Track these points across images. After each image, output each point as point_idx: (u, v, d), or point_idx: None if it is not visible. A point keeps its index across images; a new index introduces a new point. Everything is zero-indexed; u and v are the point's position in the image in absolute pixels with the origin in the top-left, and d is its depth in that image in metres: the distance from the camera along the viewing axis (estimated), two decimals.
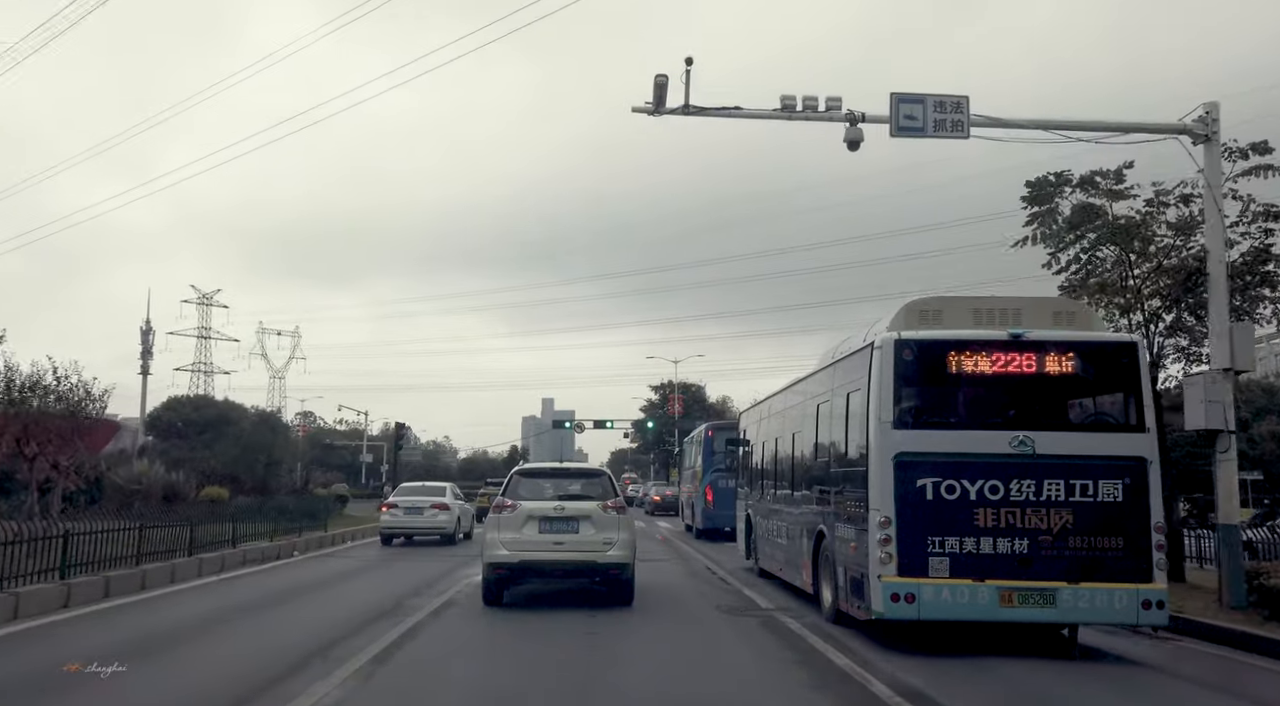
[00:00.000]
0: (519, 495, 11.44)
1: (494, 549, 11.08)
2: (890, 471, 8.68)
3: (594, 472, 12.49)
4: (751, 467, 16.26)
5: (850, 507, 9.55)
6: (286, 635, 9.54)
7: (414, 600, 11.85)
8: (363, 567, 17.01)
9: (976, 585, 8.46)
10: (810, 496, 11.55)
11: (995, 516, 8.55)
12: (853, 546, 9.39)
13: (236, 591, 13.09)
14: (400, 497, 23.13)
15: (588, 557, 11.01)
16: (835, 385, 10.49)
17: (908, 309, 9.37)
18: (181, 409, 77.90)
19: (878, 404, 8.84)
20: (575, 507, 11.19)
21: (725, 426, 27.61)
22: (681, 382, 78.55)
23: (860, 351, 9.55)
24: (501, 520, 11.25)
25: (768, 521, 14.49)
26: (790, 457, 12.82)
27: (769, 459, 14.46)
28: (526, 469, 12.71)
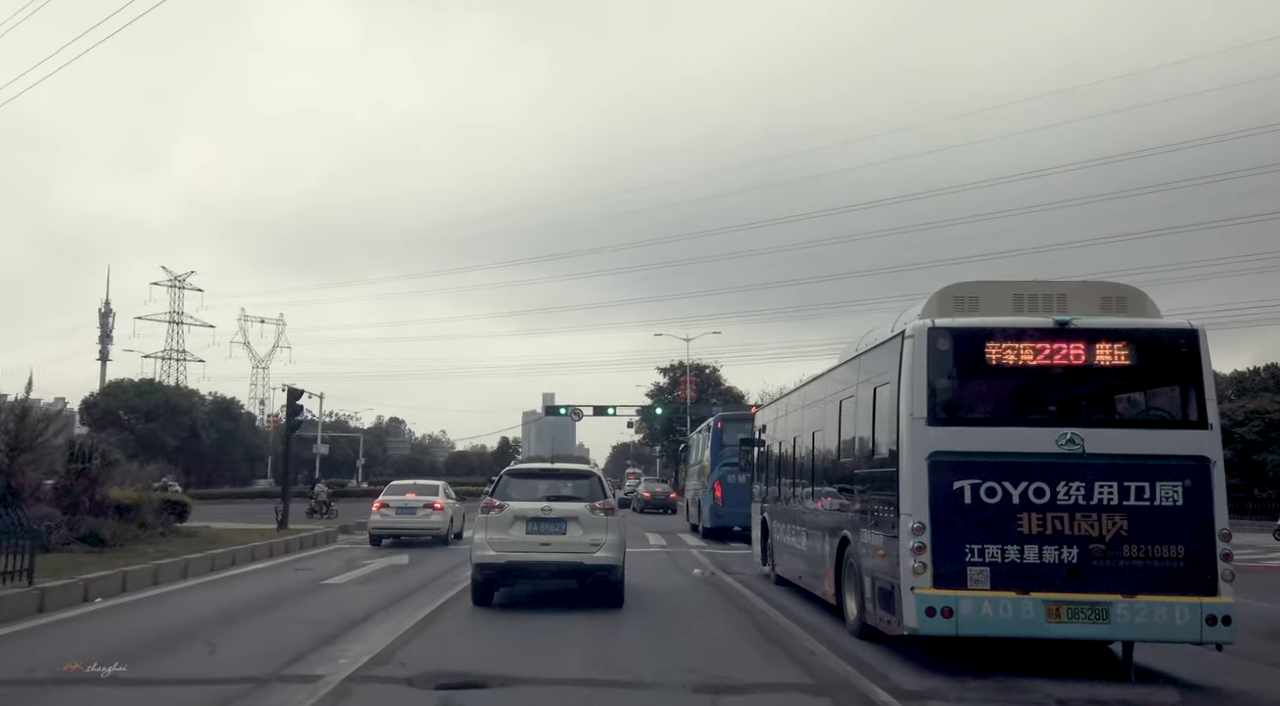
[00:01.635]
0: (508, 495, 11.45)
1: (482, 549, 11.15)
2: (924, 472, 7.89)
3: (584, 473, 12.21)
4: (768, 467, 15.46)
5: (878, 511, 8.76)
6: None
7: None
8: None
9: (1020, 598, 7.66)
10: (833, 499, 10.76)
11: (1041, 522, 7.75)
12: (881, 554, 8.59)
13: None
14: (392, 496, 22.16)
15: (575, 559, 11.01)
16: (861, 379, 9.69)
17: (941, 294, 8.56)
18: (122, 395, 71.51)
19: (909, 398, 8.05)
20: (563, 508, 11.18)
21: (736, 418, 26.71)
22: (694, 363, 69.14)
23: (889, 342, 8.75)
24: (489, 520, 11.28)
25: (786, 525, 13.69)
26: (811, 457, 12.02)
27: (787, 458, 13.66)
28: (516, 469, 12.54)
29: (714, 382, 73.53)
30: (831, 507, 10.80)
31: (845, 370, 10.56)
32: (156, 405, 72.08)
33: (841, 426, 10.48)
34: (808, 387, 12.71)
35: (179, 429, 71.93)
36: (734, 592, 13.59)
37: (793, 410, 13.56)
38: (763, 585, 14.61)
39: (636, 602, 11.80)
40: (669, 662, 8.41)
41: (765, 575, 15.77)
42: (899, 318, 9.43)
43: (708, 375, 73.61)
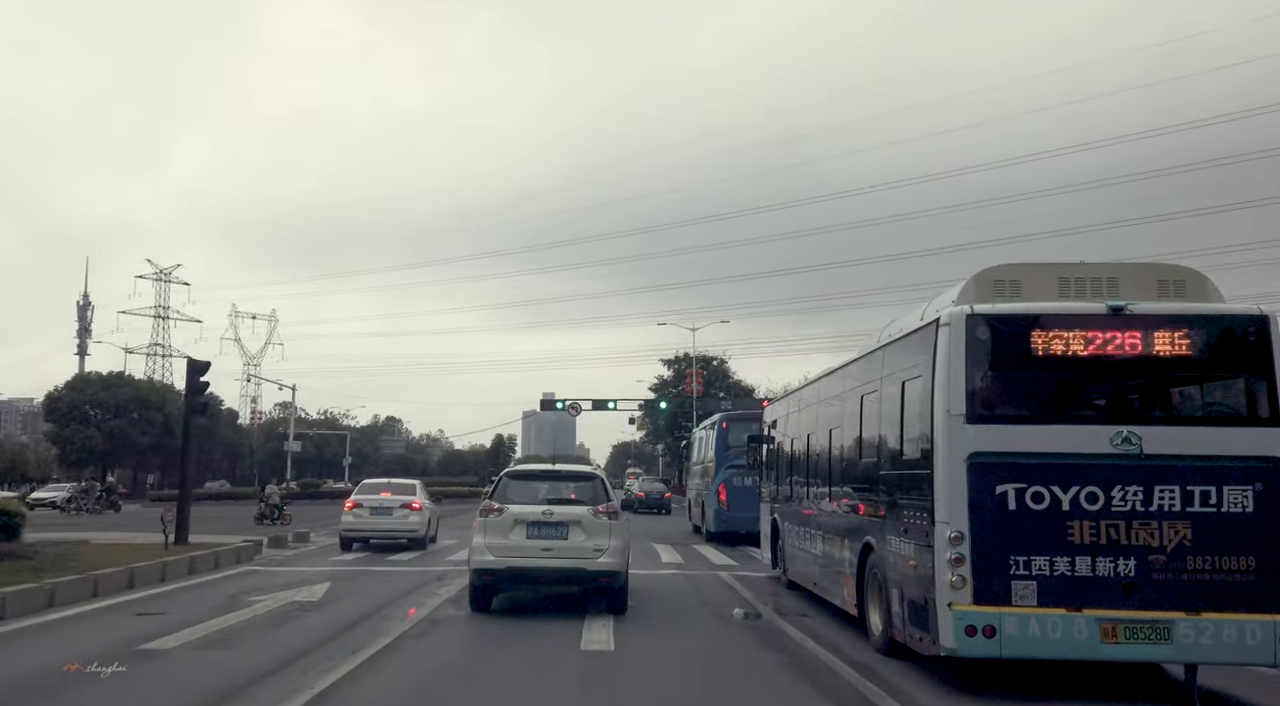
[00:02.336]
0: (507, 498, 11.04)
1: (480, 554, 10.74)
2: (962, 475, 7.08)
3: (586, 475, 11.81)
4: (779, 466, 14.65)
5: (908, 518, 7.95)
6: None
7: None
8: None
9: (1072, 616, 6.85)
10: (854, 502, 9.96)
11: (1094, 531, 6.94)
12: (912, 564, 7.79)
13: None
14: (365, 496, 20.42)
15: (577, 565, 10.63)
16: (887, 372, 8.88)
17: (979, 278, 7.74)
18: (88, 390, 67.08)
19: (946, 393, 7.23)
20: (565, 512, 10.80)
21: (742, 417, 25.79)
22: (701, 355, 64.40)
23: (921, 330, 7.93)
24: (488, 524, 10.85)
25: (799, 528, 12.89)
26: (827, 456, 11.21)
27: (801, 457, 12.86)
28: (515, 470, 12.12)
29: (722, 375, 68.82)
30: (852, 511, 10.00)
31: (868, 362, 9.75)
32: (125, 400, 67.44)
33: (863, 424, 9.67)
34: (823, 382, 11.90)
35: (150, 425, 67.75)
36: (809, 662, 8.63)
37: (807, 406, 12.75)
38: (772, 589, 13.82)
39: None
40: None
41: (775, 578, 15.01)
42: (929, 304, 8.62)
43: (715, 367, 68.85)
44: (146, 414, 67.94)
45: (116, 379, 70.56)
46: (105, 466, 67.35)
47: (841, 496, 10.50)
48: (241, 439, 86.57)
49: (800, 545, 12.79)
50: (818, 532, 11.64)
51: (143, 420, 67.57)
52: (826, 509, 11.22)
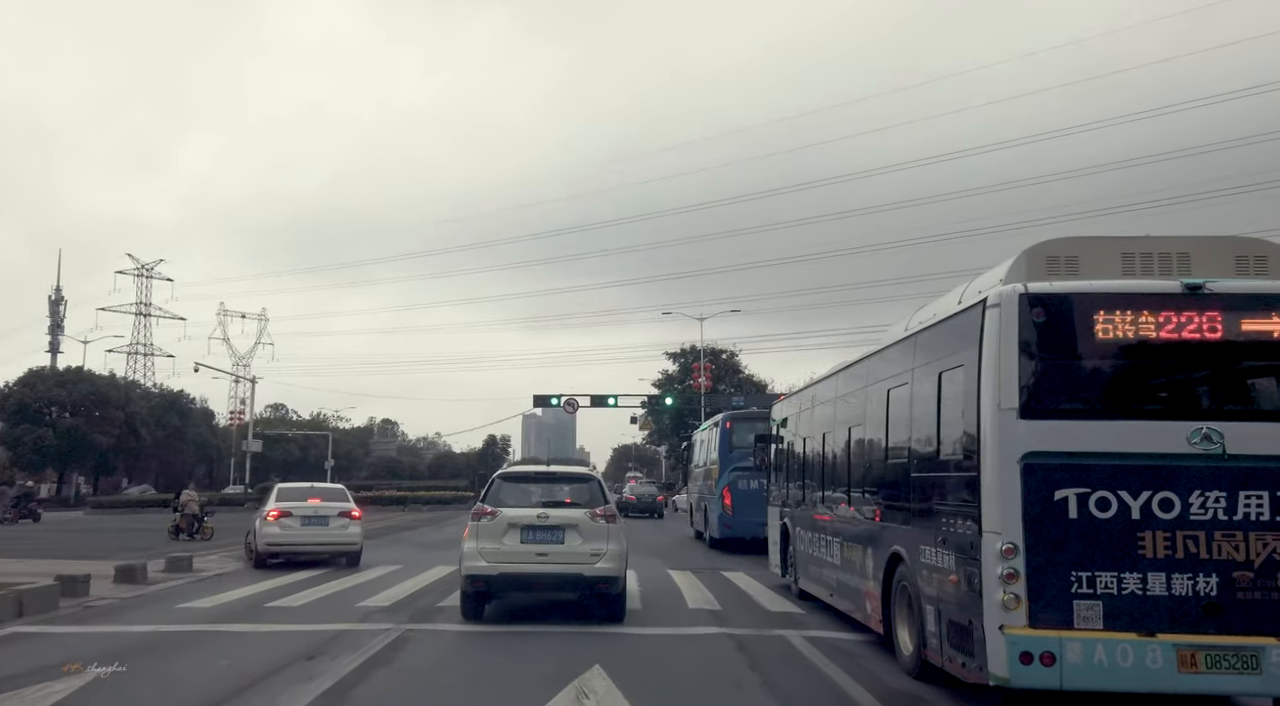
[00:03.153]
0: (500, 501, 10.62)
1: (472, 560, 10.32)
2: (1015, 479, 6.16)
3: (582, 477, 11.41)
4: (790, 468, 13.72)
5: (947, 526, 7.02)
6: None
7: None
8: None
9: (1144, 641, 5.93)
10: (879, 507, 9.03)
11: (1169, 543, 6.02)
12: (953, 579, 6.85)
13: None
14: (293, 503, 16.92)
15: (574, 570, 10.27)
16: (920, 362, 7.94)
17: (1031, 254, 6.81)
18: (41, 386, 62.32)
19: (995, 384, 6.30)
20: (561, 515, 10.43)
21: (748, 416, 24.76)
22: (709, 347, 59.46)
23: (963, 314, 7.00)
24: (481, 528, 10.44)
25: (813, 534, 11.95)
26: (847, 457, 10.28)
27: (815, 458, 11.92)
28: (509, 472, 11.58)
29: (732, 369, 64.00)
30: (877, 517, 9.07)
31: (896, 353, 8.81)
32: (83, 397, 62.27)
33: (890, 421, 8.73)
34: (842, 376, 10.97)
35: (110, 425, 62.82)
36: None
37: (822, 402, 11.81)
38: (782, 599, 12.89)
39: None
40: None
41: (785, 587, 14.07)
42: (968, 286, 7.69)
43: (725, 361, 63.81)
44: (107, 412, 63.00)
45: (74, 375, 65.22)
46: (61, 469, 63.64)
47: (864, 501, 9.57)
48: (218, 440, 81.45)
49: (814, 553, 11.86)
50: (835, 540, 10.70)
51: (103, 419, 62.76)
52: (845, 514, 10.29)
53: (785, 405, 14.52)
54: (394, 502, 52.70)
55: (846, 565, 10.18)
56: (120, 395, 65.90)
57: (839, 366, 11.35)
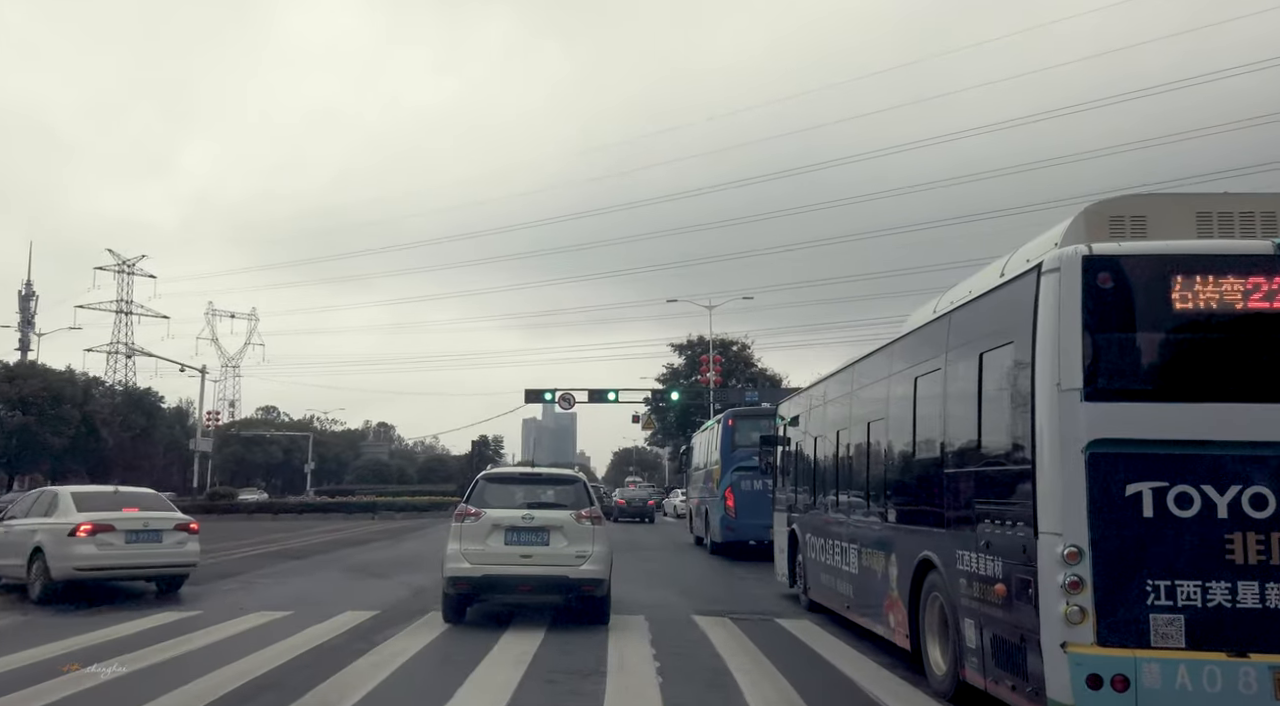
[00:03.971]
0: (484, 502, 10.46)
1: (455, 561, 10.15)
2: (1079, 471, 5.26)
3: (567, 478, 11.33)
4: (799, 469, 12.81)
5: (992, 528, 6.12)
6: None
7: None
8: None
9: (1235, 662, 5.03)
10: (904, 509, 8.13)
11: (1263, 546, 5.13)
12: (999, 589, 5.95)
13: None
14: (108, 514, 12.72)
15: (559, 572, 10.13)
16: (956, 343, 7.05)
17: (1092, 214, 5.94)
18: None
19: (1053, 361, 5.42)
20: (546, 517, 10.28)
21: (751, 414, 23.77)
22: (719, 339, 54.29)
23: (1011, 284, 6.11)
24: (464, 529, 10.29)
25: (825, 540, 11.05)
26: (866, 455, 9.38)
27: (828, 457, 11.02)
28: (493, 473, 11.44)
29: (743, 363, 58.27)
30: (902, 520, 8.17)
31: (925, 336, 7.92)
32: (32, 393, 56.22)
33: (918, 411, 7.84)
34: (860, 366, 10.08)
35: (65, 423, 57.59)
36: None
37: (836, 397, 10.91)
38: (792, 610, 11.97)
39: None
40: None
41: (793, 597, 13.15)
42: (1012, 256, 6.82)
43: (735, 354, 57.78)
44: (62, 410, 57.57)
45: (25, 369, 59.71)
46: (11, 472, 58.64)
47: (886, 503, 8.66)
48: (186, 438, 77.95)
49: (827, 560, 10.94)
50: (851, 546, 9.80)
51: (58, 417, 57.20)
52: (864, 518, 9.39)
53: (793, 403, 13.62)
54: (363, 509, 45.84)
55: (865, 574, 9.27)
56: (77, 392, 60.34)
57: (855, 358, 10.46)
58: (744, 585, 15.97)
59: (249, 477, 75.94)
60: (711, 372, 47.13)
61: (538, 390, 44.44)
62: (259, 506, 44.97)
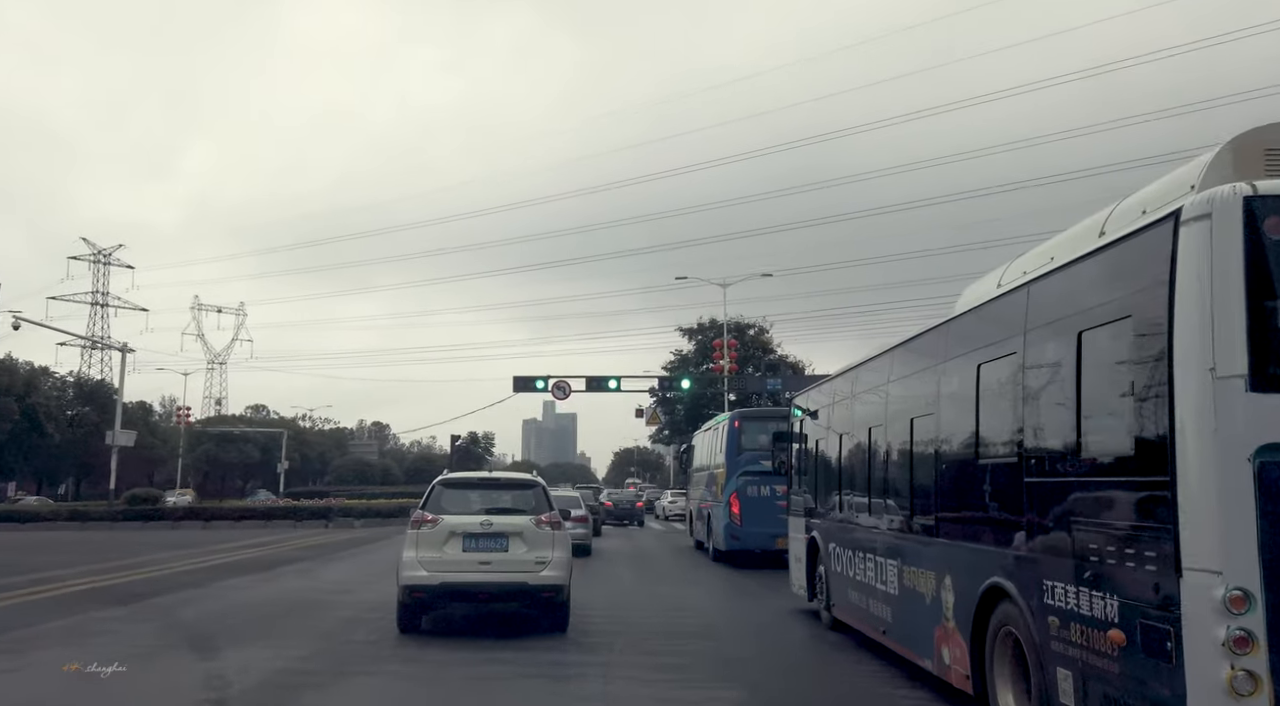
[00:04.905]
0: (441, 508, 10.26)
1: (411, 569, 9.95)
2: (1247, 486, 3.90)
3: (526, 483, 10.98)
4: (821, 470, 11.43)
5: (1102, 555, 4.74)
6: None
7: None
8: None
9: None
10: (962, 522, 6.75)
11: None
12: (1115, 637, 4.57)
13: None
14: None
15: (518, 578, 9.95)
16: (1039, 321, 5.66)
17: (1242, 146, 4.56)
18: None
19: (1203, 339, 4.05)
20: (504, 523, 10.10)
21: (758, 415, 22.45)
22: (734, 321, 48.24)
23: (1130, 239, 4.72)
24: (420, 537, 10.06)
25: (854, 553, 9.68)
26: (909, 455, 7.99)
27: (858, 457, 9.64)
28: (449, 478, 11.01)
29: (760, 348, 51.93)
30: (959, 535, 6.79)
31: (991, 314, 6.53)
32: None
33: (982, 406, 6.45)
34: (900, 352, 8.70)
35: (4, 417, 53.59)
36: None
37: (869, 388, 9.53)
38: (810, 627, 10.62)
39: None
40: None
41: (811, 613, 11.81)
42: (1118, 206, 5.44)
43: (752, 338, 51.47)
44: (1, 402, 53.36)
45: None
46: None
47: (937, 512, 7.28)
48: (158, 439, 73.02)
49: (856, 575, 9.57)
50: (890, 561, 8.42)
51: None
52: (906, 528, 8.01)
53: (814, 394, 12.22)
54: (316, 515, 37.79)
55: (908, 596, 7.90)
56: (17, 382, 55.53)
57: (893, 343, 9.06)
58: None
59: (221, 479, 72.47)
60: (726, 359, 41.08)
61: (528, 377, 38.62)
62: (187, 512, 37.22)
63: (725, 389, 41.67)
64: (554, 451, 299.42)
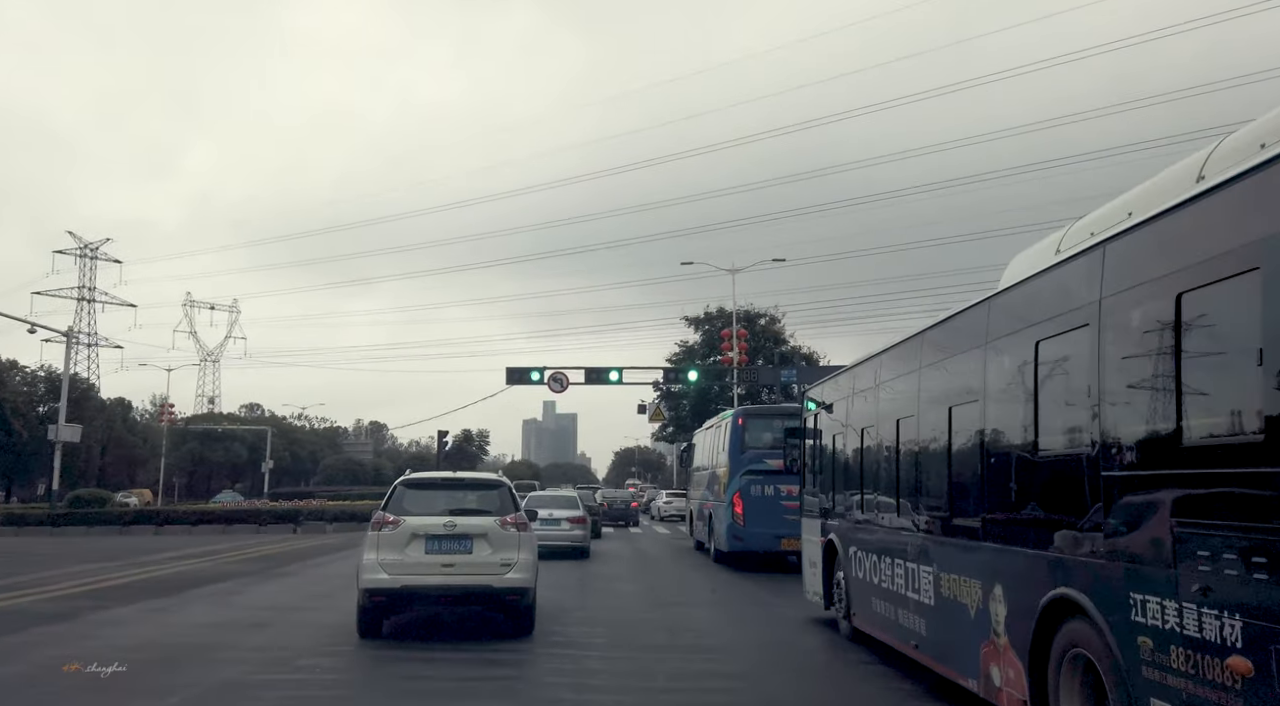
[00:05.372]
0: (404, 509, 9.93)
1: (372, 572, 9.65)
2: None
3: (491, 483, 10.68)
4: (840, 467, 10.54)
5: (1209, 559, 3.85)
6: None
7: None
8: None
9: None
10: (1018, 523, 5.85)
11: None
12: (1238, 666, 3.68)
13: None
14: None
15: (482, 581, 9.69)
16: (1120, 285, 4.74)
17: None
18: None
19: None
20: (468, 524, 9.81)
21: (763, 413, 21.67)
22: (744, 310, 45.22)
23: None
24: (381, 538, 9.75)
25: (880, 558, 8.80)
26: (948, 448, 7.10)
27: (886, 451, 8.75)
28: (412, 479, 10.70)
29: (772, 339, 48.65)
30: (1012, 539, 5.89)
31: (1053, 283, 5.64)
32: None
33: (1043, 389, 5.56)
34: (930, 335, 7.82)
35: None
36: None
37: (896, 375, 8.64)
38: (828, 637, 9.73)
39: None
40: None
41: (828, 622, 10.94)
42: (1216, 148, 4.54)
43: (762, 328, 48.16)
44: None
45: None
46: None
47: (984, 512, 6.38)
48: (138, 437, 70.23)
49: (884, 582, 8.68)
50: (924, 568, 7.53)
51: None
52: (944, 531, 7.13)
53: (831, 386, 11.32)
54: (283, 519, 33.65)
55: (946, 607, 7.01)
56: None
57: (924, 327, 8.17)
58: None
59: (210, 478, 70.65)
60: (735, 350, 37.33)
61: (522, 368, 35.54)
62: (137, 516, 33.67)
63: (734, 382, 39.00)
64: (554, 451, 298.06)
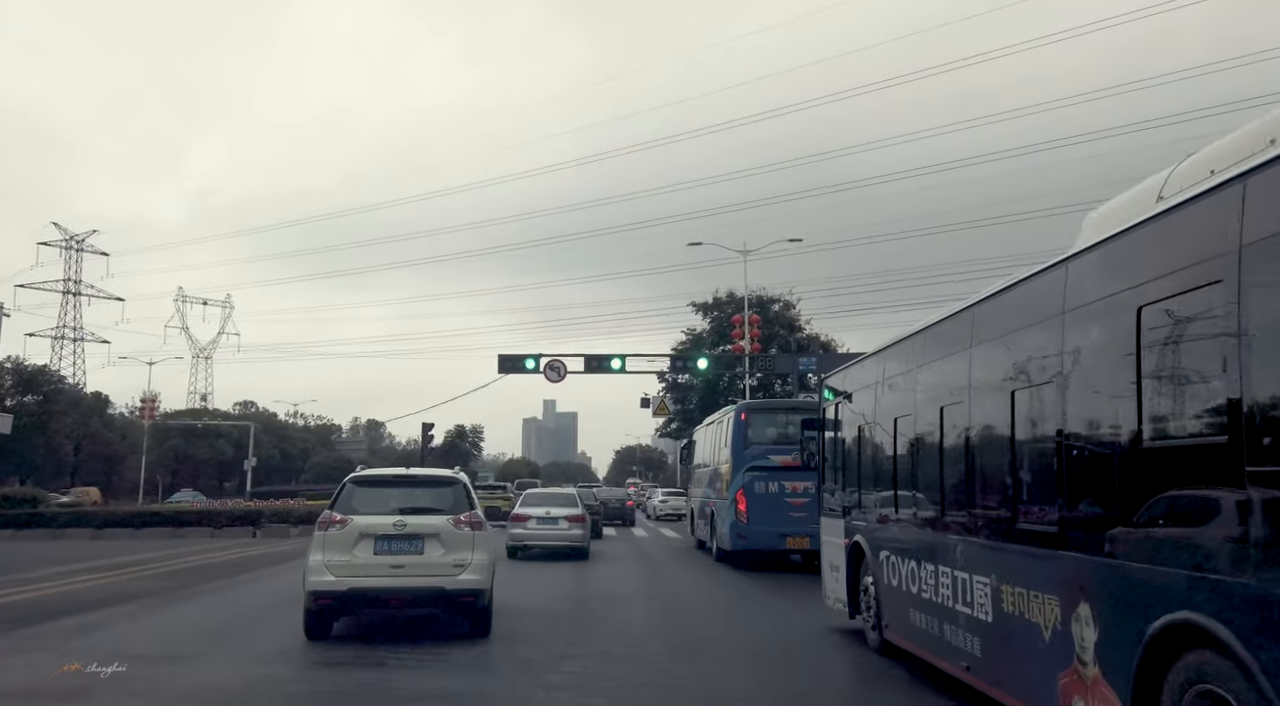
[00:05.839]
0: (352, 508, 9.55)
1: (317, 574, 9.28)
2: None
3: (444, 480, 10.37)
4: (867, 461, 9.52)
5: None
6: None
7: None
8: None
9: None
10: (1117, 530, 4.81)
11: None
12: None
13: None
14: None
15: (434, 583, 9.35)
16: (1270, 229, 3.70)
17: None
18: None
19: None
20: (419, 523, 9.47)
21: (767, 407, 20.76)
22: (756, 295, 42.33)
23: None
24: (328, 538, 9.40)
25: (920, 563, 7.77)
26: (1010, 442, 6.06)
27: (927, 444, 7.72)
28: (362, 476, 10.44)
29: (786, 326, 45.26)
30: (1114, 549, 4.85)
31: (1166, 230, 4.59)
32: None
33: (1148, 365, 4.53)
34: (984, 308, 6.78)
35: None
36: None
37: (937, 358, 7.60)
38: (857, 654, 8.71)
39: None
40: None
41: (852, 633, 9.94)
42: None
43: (776, 314, 44.81)
44: None
45: None
46: None
47: (1072, 512, 5.34)
48: (115, 433, 68.01)
49: (924, 592, 7.65)
50: (980, 578, 6.50)
51: None
52: (1008, 536, 6.09)
53: (855, 373, 10.27)
54: (241, 521, 30.66)
55: (1010, 624, 5.98)
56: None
57: (971, 301, 7.12)
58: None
59: (194, 476, 69.09)
60: (747, 337, 34.26)
61: (516, 356, 32.89)
62: (73, 518, 30.47)
63: (746, 371, 36.58)
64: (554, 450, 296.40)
